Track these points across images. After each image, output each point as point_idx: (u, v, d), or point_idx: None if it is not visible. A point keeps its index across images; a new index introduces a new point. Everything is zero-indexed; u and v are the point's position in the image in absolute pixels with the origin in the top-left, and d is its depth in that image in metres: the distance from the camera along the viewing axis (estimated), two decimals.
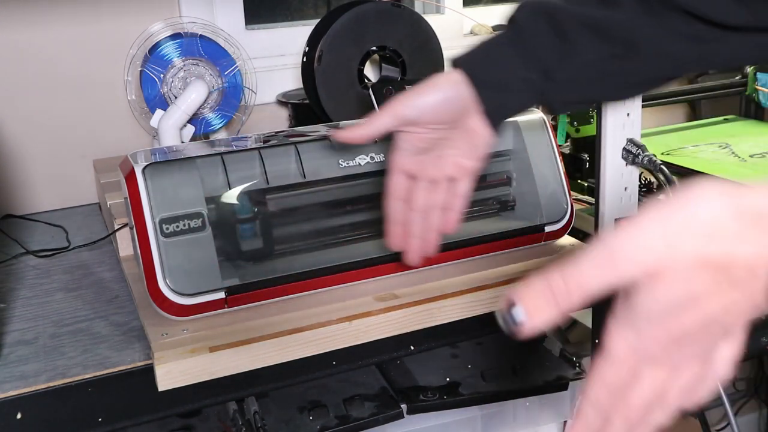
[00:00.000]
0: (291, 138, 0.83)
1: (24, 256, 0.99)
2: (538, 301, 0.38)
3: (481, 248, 0.88)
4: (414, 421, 0.87)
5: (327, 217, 0.83)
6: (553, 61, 0.65)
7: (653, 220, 0.37)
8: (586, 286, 0.38)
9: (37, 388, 0.69)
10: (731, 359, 0.42)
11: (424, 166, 0.70)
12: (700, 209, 0.36)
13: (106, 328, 0.79)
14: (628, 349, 0.39)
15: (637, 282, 0.37)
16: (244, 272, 0.77)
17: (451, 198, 0.71)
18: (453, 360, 0.96)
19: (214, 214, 0.76)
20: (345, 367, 0.79)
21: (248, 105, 1.21)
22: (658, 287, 0.37)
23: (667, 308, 0.37)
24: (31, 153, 1.19)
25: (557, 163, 0.90)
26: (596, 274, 0.38)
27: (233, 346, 0.73)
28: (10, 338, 0.78)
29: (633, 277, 0.37)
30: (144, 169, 0.75)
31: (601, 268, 0.37)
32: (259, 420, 0.81)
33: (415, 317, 0.79)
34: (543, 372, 0.93)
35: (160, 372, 0.70)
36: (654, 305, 0.37)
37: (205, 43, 1.15)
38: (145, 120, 1.17)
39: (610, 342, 0.40)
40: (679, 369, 0.40)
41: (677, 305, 0.37)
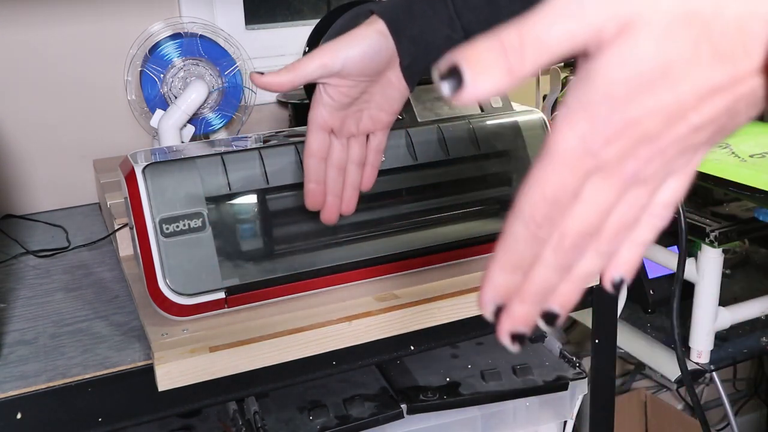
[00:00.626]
0: (291, 138, 0.83)
1: (24, 256, 0.99)
2: (485, 57, 0.31)
3: (481, 248, 0.88)
4: (414, 421, 0.87)
5: None
6: (477, 22, 0.64)
7: None
8: (545, 39, 0.30)
9: (37, 388, 0.69)
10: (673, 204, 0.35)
11: (343, 121, 0.68)
12: None
13: (106, 328, 0.79)
14: (578, 143, 0.31)
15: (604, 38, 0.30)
16: (244, 272, 0.77)
17: (367, 153, 0.70)
18: (453, 360, 0.96)
19: (214, 214, 0.76)
20: (345, 367, 0.79)
21: (248, 105, 1.21)
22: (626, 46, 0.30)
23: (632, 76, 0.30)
24: (31, 153, 1.19)
25: None
26: (558, 24, 0.30)
27: (233, 346, 0.73)
28: (10, 338, 0.78)
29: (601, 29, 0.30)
30: (144, 169, 0.75)
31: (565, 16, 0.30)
32: (259, 420, 0.82)
33: (415, 317, 0.79)
34: (543, 372, 0.93)
35: (160, 372, 0.70)
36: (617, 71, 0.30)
37: (205, 43, 1.15)
38: (145, 120, 1.17)
39: (555, 136, 0.31)
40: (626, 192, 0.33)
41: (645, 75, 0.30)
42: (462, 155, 0.88)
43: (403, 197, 0.86)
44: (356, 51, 0.63)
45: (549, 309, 0.35)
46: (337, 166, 0.69)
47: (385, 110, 0.68)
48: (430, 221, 0.87)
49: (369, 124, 0.68)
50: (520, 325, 0.34)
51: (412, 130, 0.86)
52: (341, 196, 0.70)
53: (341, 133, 0.68)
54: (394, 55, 0.65)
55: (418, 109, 0.89)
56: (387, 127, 0.70)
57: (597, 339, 0.95)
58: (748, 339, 1.17)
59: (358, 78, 0.65)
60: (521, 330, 0.34)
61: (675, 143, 0.32)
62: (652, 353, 1.19)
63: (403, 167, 0.85)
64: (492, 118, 0.90)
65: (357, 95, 0.66)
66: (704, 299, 1.08)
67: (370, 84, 0.66)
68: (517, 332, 0.34)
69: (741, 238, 1.34)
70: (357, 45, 0.64)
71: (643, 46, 0.30)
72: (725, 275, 1.13)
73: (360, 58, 0.64)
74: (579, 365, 0.95)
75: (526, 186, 0.32)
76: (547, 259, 0.33)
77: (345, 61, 0.63)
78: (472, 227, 0.88)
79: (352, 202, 0.71)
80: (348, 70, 0.64)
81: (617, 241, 0.34)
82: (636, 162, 0.32)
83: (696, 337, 1.11)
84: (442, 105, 0.91)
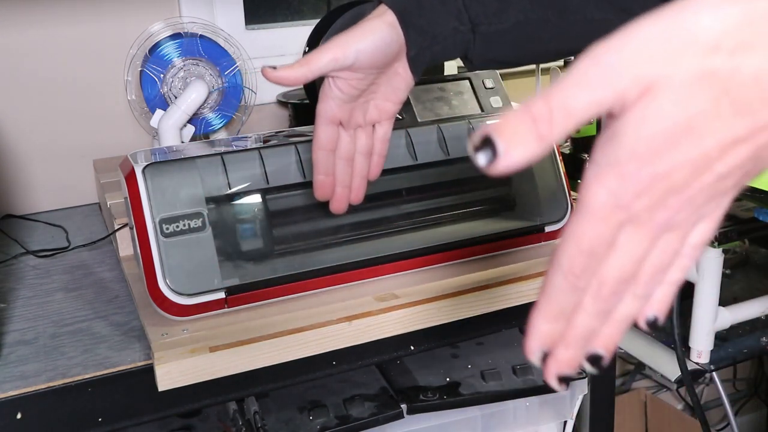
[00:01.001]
0: (291, 138, 0.83)
1: (24, 256, 0.99)
2: (517, 129, 0.32)
3: (481, 248, 0.88)
4: (414, 421, 0.87)
5: (327, 217, 0.82)
6: (485, 15, 0.65)
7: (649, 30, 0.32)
8: (571, 107, 0.32)
9: (37, 388, 0.69)
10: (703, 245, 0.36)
11: (351, 113, 0.68)
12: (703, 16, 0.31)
13: (106, 328, 0.79)
14: (609, 198, 0.33)
15: (628, 100, 0.32)
16: (244, 272, 0.77)
17: (374, 143, 0.70)
18: (453, 360, 0.96)
19: (214, 214, 0.76)
20: (345, 367, 0.79)
21: (248, 105, 1.21)
22: (650, 106, 0.31)
23: (656, 134, 0.32)
24: (31, 153, 1.19)
25: (557, 163, 0.90)
26: (583, 93, 0.32)
27: (233, 346, 0.73)
28: (10, 338, 0.78)
29: (624, 93, 0.32)
30: (144, 169, 0.75)
31: (588, 84, 0.32)
32: (259, 420, 0.81)
33: (415, 317, 0.79)
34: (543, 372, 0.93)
35: (160, 372, 0.70)
36: (643, 130, 0.32)
37: (205, 43, 1.15)
38: (145, 120, 1.17)
39: (587, 192, 0.33)
40: (659, 239, 0.34)
41: (669, 132, 0.32)
42: (462, 155, 0.88)
43: (403, 197, 0.86)
44: (367, 44, 0.63)
45: (593, 352, 0.37)
46: (345, 158, 0.69)
47: (391, 100, 0.68)
48: (430, 221, 0.87)
49: (375, 114, 0.68)
50: (566, 369, 0.36)
51: (412, 130, 0.86)
52: (350, 186, 0.71)
53: (349, 125, 0.68)
54: (402, 46, 0.65)
55: (418, 109, 0.89)
56: (392, 117, 0.70)
57: None
58: (748, 339, 1.17)
59: (368, 70, 0.65)
60: (567, 373, 0.36)
61: (703, 191, 0.33)
62: (652, 353, 1.19)
63: (403, 167, 0.85)
64: (492, 118, 0.90)
65: (366, 87, 0.66)
66: (704, 299, 1.08)
67: (377, 76, 0.66)
68: (564, 375, 0.37)
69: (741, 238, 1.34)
70: (368, 38, 0.63)
71: (666, 106, 0.31)
72: (725, 275, 1.13)
73: (371, 51, 0.63)
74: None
75: (562, 239, 0.34)
76: (588, 307, 0.35)
77: (357, 54, 0.63)
78: (472, 227, 0.88)
79: (360, 191, 0.71)
80: (359, 63, 0.64)
81: (652, 284, 0.36)
82: (666, 211, 0.33)
83: (696, 337, 1.11)
84: (442, 105, 0.91)
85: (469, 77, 0.93)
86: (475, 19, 0.65)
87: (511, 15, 0.65)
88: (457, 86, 0.92)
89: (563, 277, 0.34)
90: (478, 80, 0.93)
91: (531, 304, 0.84)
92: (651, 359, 1.20)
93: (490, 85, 0.93)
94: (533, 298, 0.84)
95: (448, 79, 0.93)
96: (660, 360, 1.17)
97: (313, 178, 0.69)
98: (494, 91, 0.93)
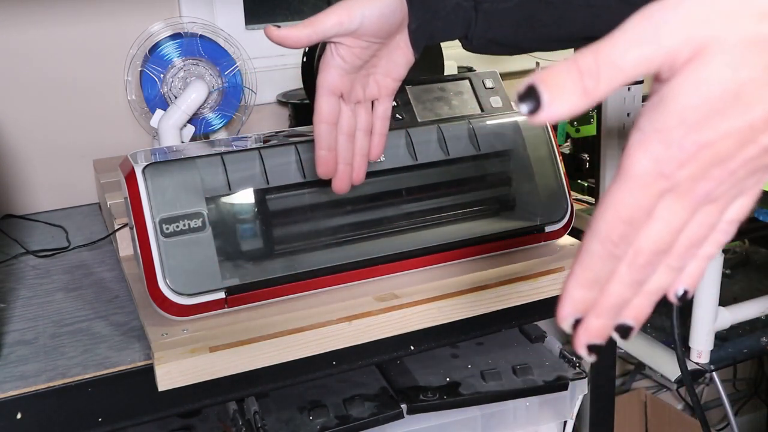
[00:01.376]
0: (291, 138, 0.83)
1: (24, 256, 0.99)
2: (562, 80, 0.32)
3: (481, 248, 0.87)
4: (414, 421, 0.87)
5: (327, 217, 0.82)
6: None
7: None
8: (620, 63, 0.32)
9: (37, 388, 0.69)
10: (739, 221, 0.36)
11: (352, 85, 0.67)
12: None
13: (106, 328, 0.79)
14: (652, 166, 0.32)
15: (678, 62, 0.31)
16: (244, 272, 0.77)
17: (374, 120, 0.70)
18: (453, 360, 0.96)
19: (214, 214, 0.76)
20: (345, 367, 0.79)
21: (248, 105, 1.21)
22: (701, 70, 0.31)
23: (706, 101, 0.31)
24: (31, 153, 1.19)
25: (557, 163, 0.90)
26: (633, 49, 0.31)
27: (233, 346, 0.73)
28: (10, 338, 0.78)
29: (675, 53, 0.31)
30: (144, 169, 0.75)
31: (639, 41, 0.31)
32: (259, 420, 0.81)
33: (415, 317, 0.79)
34: (543, 372, 0.93)
35: (160, 372, 0.70)
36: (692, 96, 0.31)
37: (205, 43, 1.15)
38: (145, 120, 1.17)
39: (630, 158, 0.32)
40: (697, 211, 0.34)
41: (719, 100, 0.31)
42: (462, 155, 0.88)
43: (403, 197, 0.86)
44: (373, 9, 0.63)
45: (623, 322, 0.36)
46: (347, 133, 0.69)
47: (391, 76, 0.68)
48: (430, 221, 0.87)
49: (375, 89, 0.68)
50: (596, 338, 0.36)
51: (412, 130, 0.86)
52: (352, 164, 0.70)
53: (349, 99, 0.68)
54: (405, 17, 0.64)
55: (418, 109, 0.89)
56: (392, 94, 0.69)
57: None
58: (748, 339, 1.17)
59: (371, 39, 0.64)
60: (597, 342, 0.36)
61: (746, 164, 0.33)
62: (652, 353, 1.19)
63: (403, 167, 0.85)
64: (492, 118, 0.90)
65: (367, 58, 0.66)
66: (704, 299, 1.08)
67: (379, 47, 0.66)
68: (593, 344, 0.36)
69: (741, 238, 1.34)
70: (374, 4, 0.63)
71: (718, 71, 0.31)
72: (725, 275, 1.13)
73: (377, 18, 0.63)
74: (579, 365, 0.95)
75: (601, 206, 0.34)
76: (623, 276, 0.35)
77: (362, 19, 0.63)
78: (472, 227, 0.88)
79: (362, 170, 0.71)
80: (364, 29, 0.63)
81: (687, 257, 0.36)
82: (708, 183, 0.33)
83: (696, 337, 1.11)
84: (442, 105, 0.91)
85: (469, 77, 0.93)
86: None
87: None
88: (457, 86, 0.92)
89: (600, 245, 0.34)
90: (478, 80, 0.93)
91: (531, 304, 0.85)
92: (651, 359, 1.20)
93: (490, 85, 0.93)
94: (533, 298, 0.85)
95: (448, 79, 0.93)
96: (660, 360, 1.17)
97: (315, 154, 0.68)
98: (494, 91, 0.93)
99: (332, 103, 0.67)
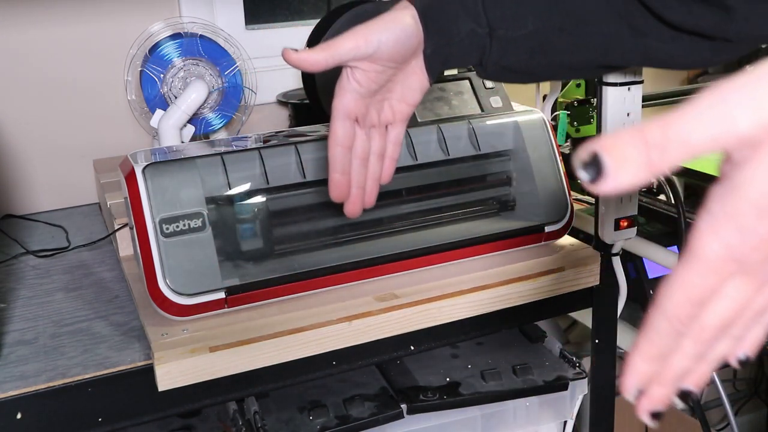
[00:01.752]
0: (291, 138, 0.83)
1: (24, 256, 0.99)
2: (628, 151, 0.31)
3: (481, 248, 0.87)
4: (414, 421, 0.87)
5: (327, 217, 0.82)
6: (503, 19, 0.65)
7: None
8: (689, 139, 0.31)
9: (37, 388, 0.69)
10: None
11: (367, 110, 0.67)
12: None
13: (106, 328, 0.79)
14: (723, 250, 0.32)
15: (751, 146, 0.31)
16: (244, 272, 0.77)
17: (387, 145, 0.70)
18: (453, 360, 0.96)
19: (214, 214, 0.76)
20: (345, 367, 0.79)
21: (248, 105, 1.21)
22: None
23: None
24: (31, 153, 1.19)
25: (557, 163, 0.90)
26: (705, 128, 0.31)
27: (233, 346, 0.73)
28: (10, 338, 0.78)
29: (750, 138, 0.30)
30: (144, 169, 0.75)
31: (711, 121, 0.30)
32: (259, 420, 0.81)
33: (415, 317, 0.79)
34: (543, 372, 0.93)
35: (160, 372, 0.70)
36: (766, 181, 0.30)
37: (205, 43, 1.15)
38: (145, 120, 1.17)
39: (700, 241, 0.32)
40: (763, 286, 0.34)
41: None
42: (462, 155, 0.88)
43: (403, 197, 0.86)
44: (389, 35, 0.63)
45: (684, 388, 0.38)
46: (360, 157, 0.69)
47: (406, 101, 0.68)
48: (430, 221, 0.87)
49: (389, 114, 0.68)
50: (659, 405, 0.37)
51: (412, 130, 0.86)
52: (364, 188, 0.70)
53: (364, 123, 0.68)
54: (421, 42, 0.65)
55: (418, 109, 0.89)
56: (406, 119, 0.70)
57: (597, 339, 0.95)
58: None
59: (387, 63, 0.65)
60: (659, 409, 0.38)
61: None
62: None
63: (403, 167, 0.85)
64: (492, 118, 0.90)
65: (383, 83, 0.66)
66: None
67: (395, 72, 0.66)
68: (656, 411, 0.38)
69: None
70: (390, 28, 0.63)
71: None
72: None
73: (393, 43, 0.63)
74: (579, 365, 0.95)
75: (669, 285, 0.34)
76: (687, 349, 0.36)
77: (379, 44, 0.63)
78: (472, 227, 0.88)
79: (373, 194, 0.71)
80: (380, 54, 0.63)
81: (750, 327, 0.37)
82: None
83: None
84: (442, 105, 0.91)
85: (469, 77, 0.93)
86: (493, 23, 0.65)
87: (528, 21, 0.65)
88: (457, 86, 0.92)
89: (667, 322, 0.35)
90: (478, 80, 0.93)
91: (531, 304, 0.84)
92: None
93: (490, 85, 0.93)
94: (533, 298, 0.85)
95: (448, 79, 0.93)
96: None
97: (329, 177, 0.68)
98: (494, 91, 0.93)
99: (347, 127, 0.67)
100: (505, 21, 0.65)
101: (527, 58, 0.67)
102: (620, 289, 0.96)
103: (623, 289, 0.97)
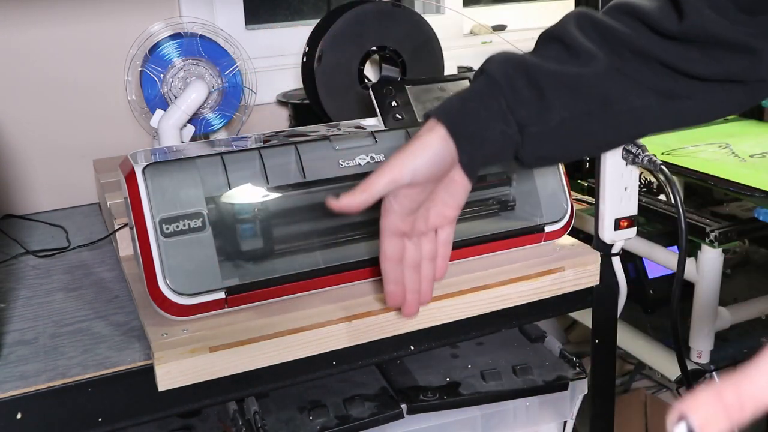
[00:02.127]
0: (291, 138, 0.83)
1: (24, 256, 0.99)
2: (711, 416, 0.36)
3: (481, 248, 0.87)
4: (414, 421, 0.87)
5: (327, 217, 0.82)
6: (530, 116, 0.66)
7: None
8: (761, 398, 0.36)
9: (37, 388, 0.69)
10: None
11: (414, 224, 0.69)
12: None
13: (106, 328, 0.79)
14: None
15: None
16: (244, 272, 0.77)
17: (438, 247, 0.72)
18: (453, 360, 0.96)
19: (214, 214, 0.76)
20: (345, 367, 0.79)
21: (248, 105, 1.21)
22: None
23: None
24: (31, 153, 1.19)
25: None
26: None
27: (233, 346, 0.73)
28: (10, 338, 0.78)
29: None
30: (144, 169, 0.75)
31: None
32: (259, 420, 0.82)
33: (415, 317, 0.79)
34: (543, 372, 0.93)
35: (160, 372, 0.70)
36: None
37: (205, 43, 1.15)
38: (145, 120, 1.17)
39: None
40: None
41: None
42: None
43: None
44: (422, 161, 0.65)
45: None
46: (412, 266, 0.71)
47: (450, 205, 0.70)
48: None
49: (437, 220, 0.70)
50: None
51: (413, 130, 0.86)
52: (419, 291, 0.72)
53: (412, 234, 0.70)
54: (455, 156, 0.66)
55: (418, 109, 0.89)
56: (454, 221, 0.71)
57: (597, 339, 0.95)
58: (748, 339, 1.17)
59: (425, 185, 0.67)
60: None
61: None
62: (652, 353, 1.19)
63: None
64: None
65: (424, 198, 0.68)
66: (704, 299, 1.08)
67: (435, 185, 0.68)
68: None
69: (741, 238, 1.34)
70: (422, 155, 0.65)
71: None
72: (725, 275, 1.13)
73: (427, 167, 0.65)
74: (579, 365, 0.95)
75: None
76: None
77: (413, 173, 0.65)
78: (471, 227, 0.88)
79: (429, 292, 0.74)
80: (416, 179, 0.65)
81: None
82: None
83: (696, 337, 1.11)
84: None
85: (469, 77, 0.93)
86: (521, 120, 0.66)
87: (555, 113, 0.66)
88: (457, 86, 0.92)
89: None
90: None
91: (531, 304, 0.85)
92: (651, 359, 1.20)
93: None
94: (533, 298, 0.85)
95: (448, 79, 0.93)
96: (660, 360, 1.17)
97: (385, 288, 0.71)
98: None
99: (396, 243, 0.69)
100: (531, 117, 0.66)
101: (562, 145, 0.68)
102: (620, 289, 0.96)
103: (623, 289, 0.97)
